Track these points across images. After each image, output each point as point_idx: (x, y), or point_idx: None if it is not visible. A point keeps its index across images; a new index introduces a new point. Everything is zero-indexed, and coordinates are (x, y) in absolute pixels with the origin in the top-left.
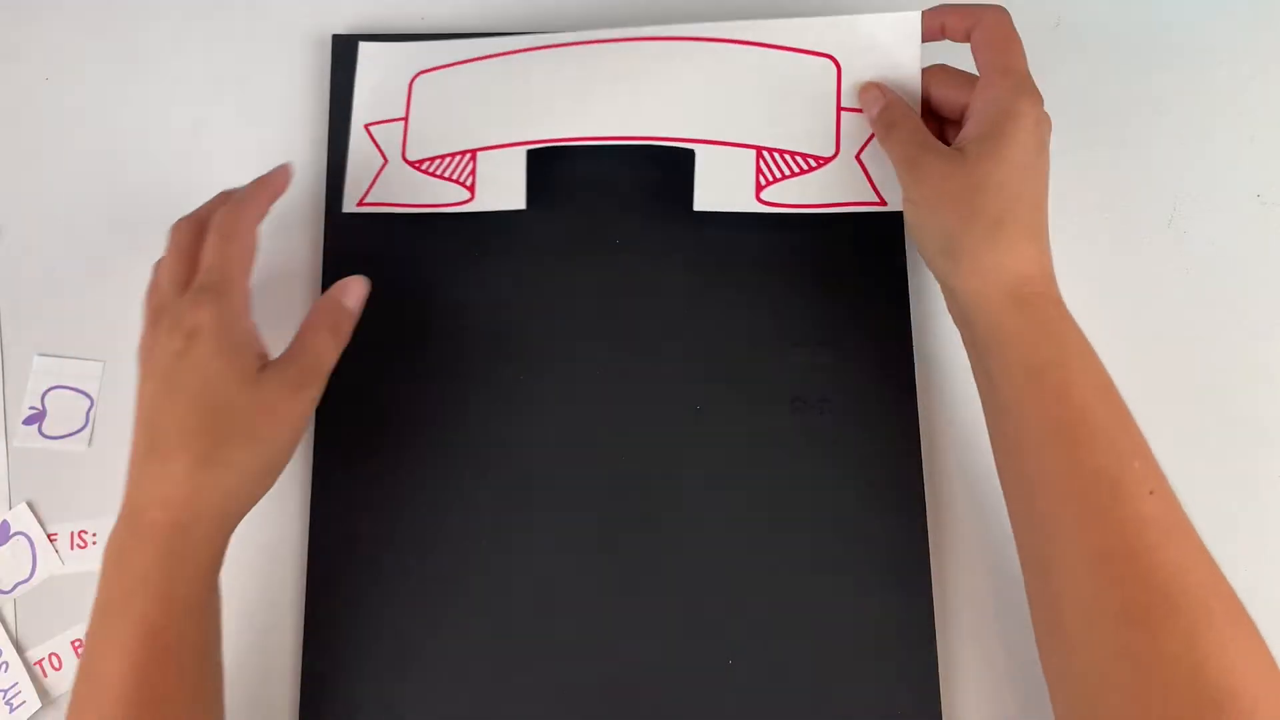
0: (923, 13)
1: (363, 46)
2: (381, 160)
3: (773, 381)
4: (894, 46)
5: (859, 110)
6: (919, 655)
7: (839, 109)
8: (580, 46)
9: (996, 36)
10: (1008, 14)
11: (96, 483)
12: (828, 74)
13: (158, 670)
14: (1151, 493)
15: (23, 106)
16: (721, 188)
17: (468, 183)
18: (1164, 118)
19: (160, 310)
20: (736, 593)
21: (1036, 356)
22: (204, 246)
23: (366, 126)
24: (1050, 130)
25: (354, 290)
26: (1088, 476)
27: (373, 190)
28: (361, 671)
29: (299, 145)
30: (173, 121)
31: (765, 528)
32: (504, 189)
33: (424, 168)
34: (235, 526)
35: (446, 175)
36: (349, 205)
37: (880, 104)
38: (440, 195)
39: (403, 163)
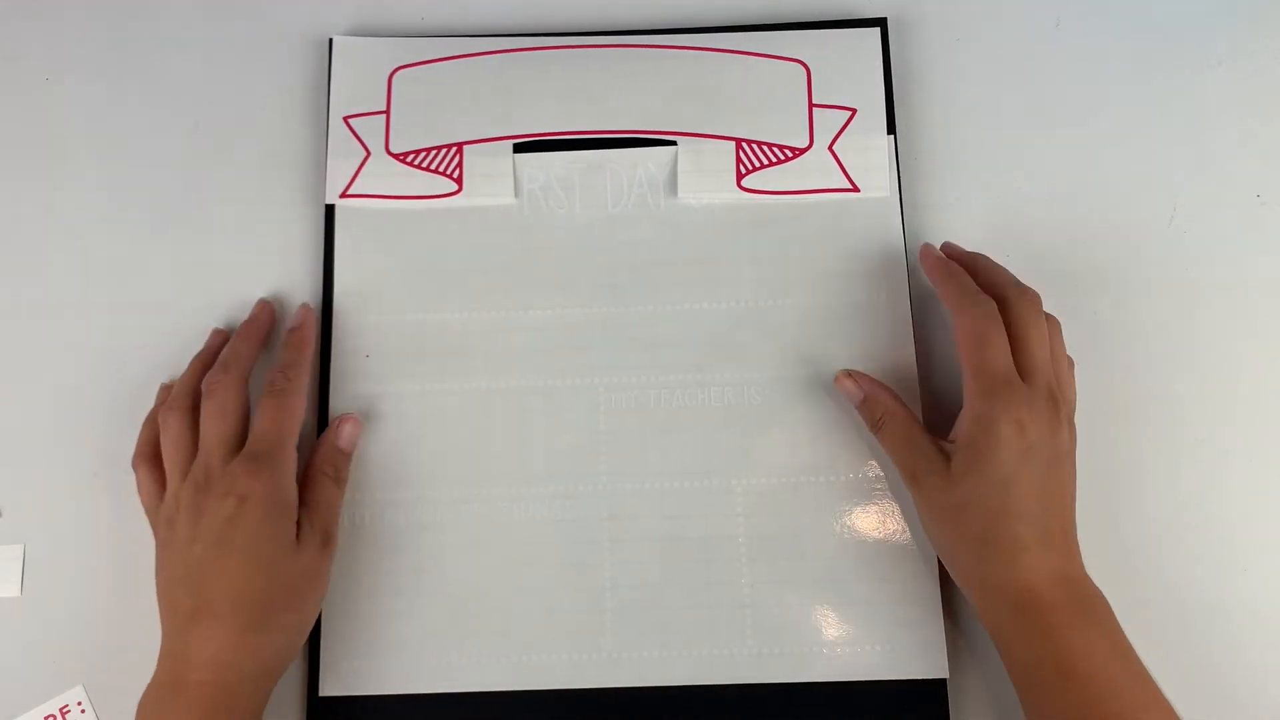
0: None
1: (337, 41)
2: (364, 152)
3: None
4: (857, 54)
5: (831, 106)
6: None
7: (810, 105)
8: (566, 50)
9: (969, 334)
10: (986, 306)
11: None
12: (798, 76)
13: None
14: None
15: (23, 106)
16: (704, 176)
17: (455, 175)
18: (1164, 118)
19: (209, 477)
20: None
21: (1036, 659)
22: (260, 410)
23: (346, 119)
24: (1049, 424)
25: (345, 433)
26: None
27: (356, 182)
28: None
29: (298, 146)
30: (172, 121)
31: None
32: (492, 182)
33: (409, 160)
34: (277, 682)
35: (433, 168)
36: (331, 196)
37: (859, 396)
38: (427, 187)
39: (386, 155)
